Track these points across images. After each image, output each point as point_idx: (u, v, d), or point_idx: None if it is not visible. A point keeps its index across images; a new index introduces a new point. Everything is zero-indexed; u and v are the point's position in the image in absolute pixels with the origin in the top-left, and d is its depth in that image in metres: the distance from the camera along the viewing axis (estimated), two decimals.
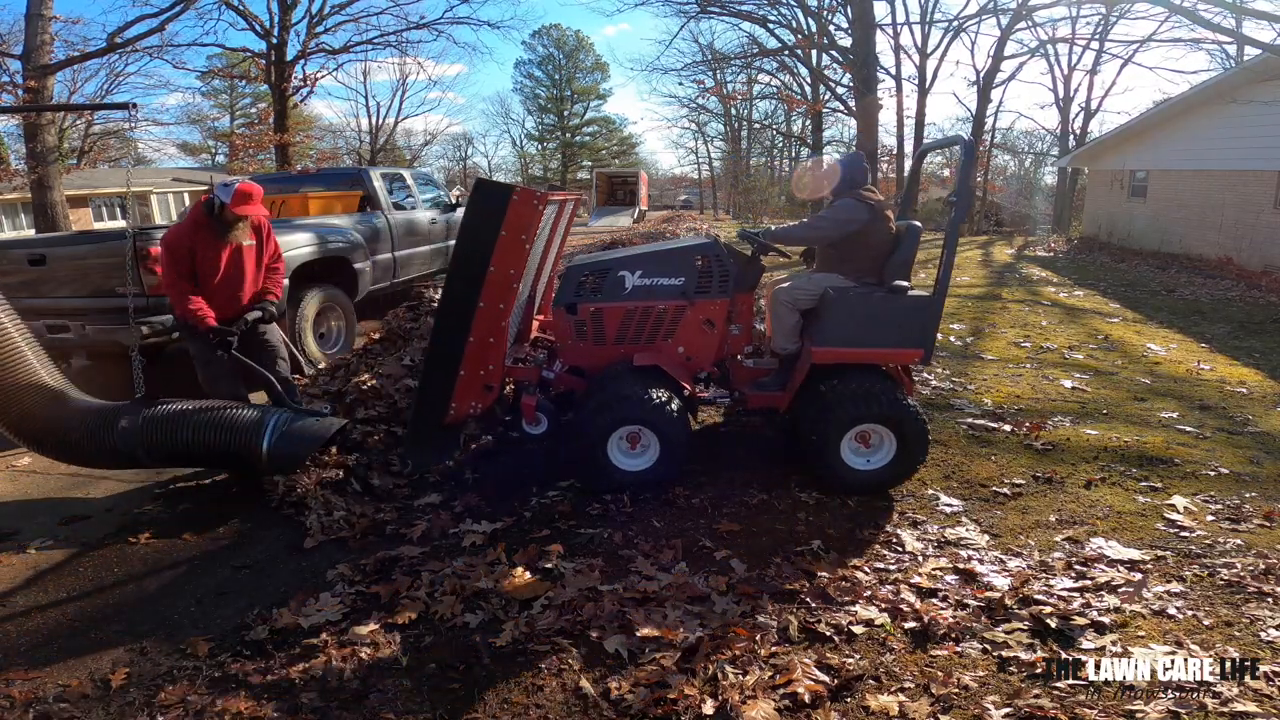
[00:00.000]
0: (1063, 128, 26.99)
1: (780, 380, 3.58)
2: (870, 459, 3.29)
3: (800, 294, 3.47)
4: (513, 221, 3.01)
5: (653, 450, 3.28)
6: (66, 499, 3.66)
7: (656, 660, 2.15)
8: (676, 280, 3.41)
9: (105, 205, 27.00)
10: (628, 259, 3.49)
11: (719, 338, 3.50)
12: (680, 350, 3.48)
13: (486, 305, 3.13)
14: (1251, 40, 9.73)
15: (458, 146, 51.62)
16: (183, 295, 3.61)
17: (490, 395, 3.31)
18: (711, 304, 3.43)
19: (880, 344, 3.30)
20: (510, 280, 3.11)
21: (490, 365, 3.24)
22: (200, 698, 2.12)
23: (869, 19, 14.33)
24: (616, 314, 3.45)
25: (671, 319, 3.45)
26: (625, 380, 3.29)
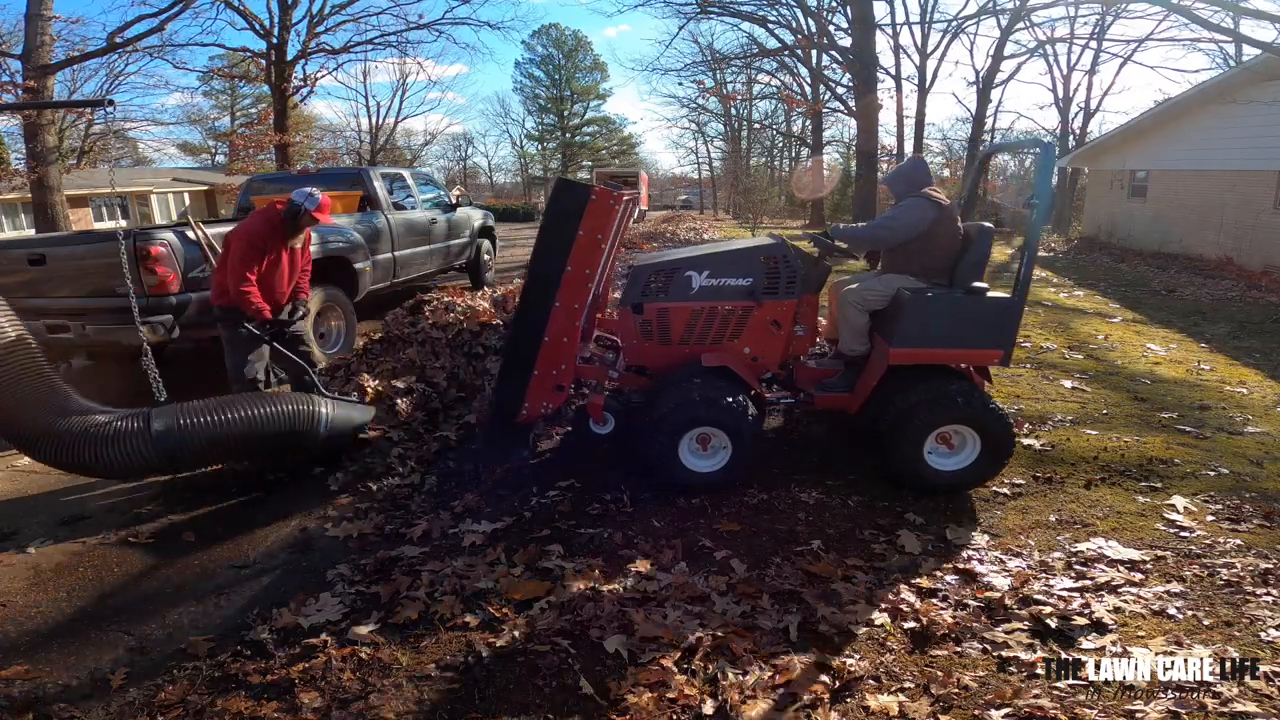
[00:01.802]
0: (1062, 128, 27.00)
1: (847, 382, 3.57)
2: (953, 459, 3.27)
3: (870, 295, 3.47)
4: (590, 221, 3.03)
5: (724, 452, 3.27)
6: (66, 499, 3.66)
7: (656, 660, 2.15)
8: (744, 281, 3.39)
9: (105, 205, 26.98)
10: (695, 259, 3.48)
11: (785, 339, 3.48)
12: (746, 351, 3.47)
13: (562, 305, 3.14)
14: (1251, 40, 9.72)
15: (458, 146, 51.69)
16: (248, 287, 3.87)
17: (562, 395, 3.33)
18: (779, 305, 3.41)
19: (959, 345, 3.30)
20: (586, 280, 3.13)
21: (563, 365, 3.26)
22: (200, 698, 2.12)
23: (869, 19, 14.34)
24: (683, 314, 3.44)
25: (738, 320, 3.43)
26: (696, 382, 3.28)
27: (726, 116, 37.57)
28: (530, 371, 3.24)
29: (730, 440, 3.22)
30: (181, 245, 4.79)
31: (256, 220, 4.03)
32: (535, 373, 3.25)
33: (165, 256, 4.64)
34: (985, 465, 3.24)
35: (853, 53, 14.84)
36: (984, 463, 3.23)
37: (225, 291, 3.94)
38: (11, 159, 18.76)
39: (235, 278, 3.86)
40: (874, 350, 3.51)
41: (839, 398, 3.56)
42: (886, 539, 2.90)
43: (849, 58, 15.51)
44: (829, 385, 3.61)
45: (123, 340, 4.71)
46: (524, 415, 3.34)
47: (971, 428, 3.20)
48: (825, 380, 3.65)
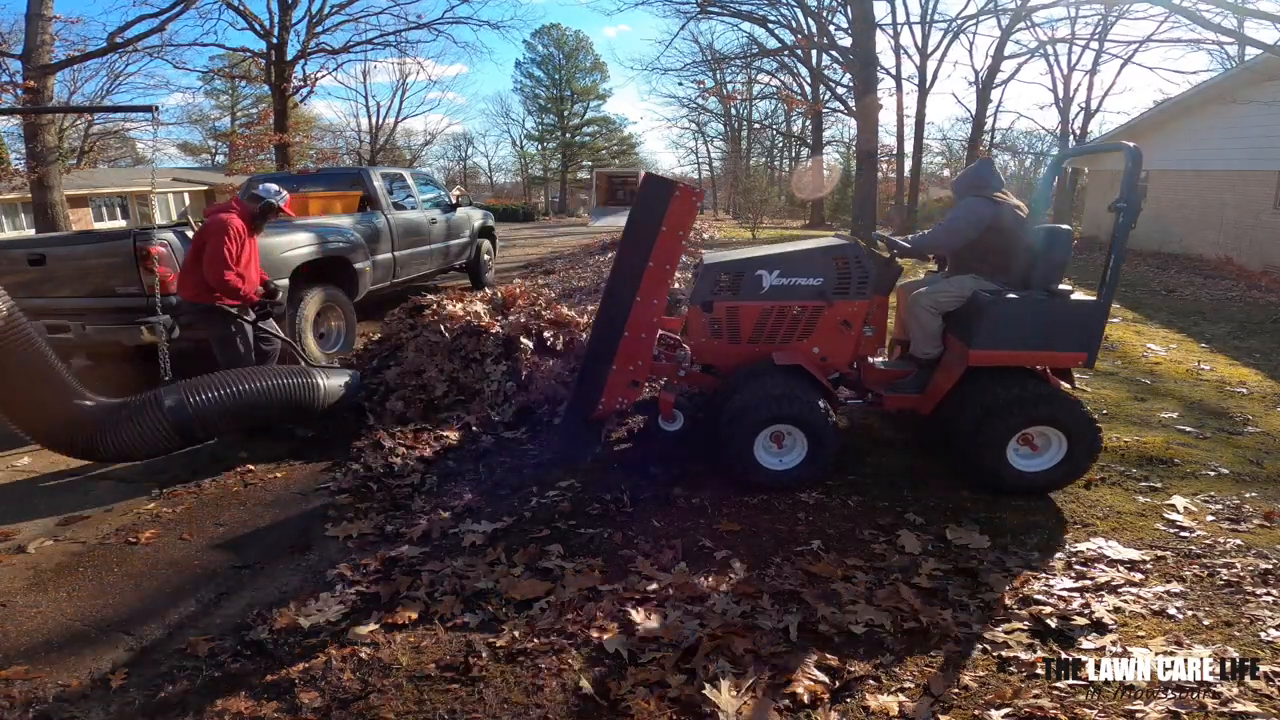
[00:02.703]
0: (1063, 128, 27.00)
1: (918, 383, 3.57)
2: (1036, 460, 3.27)
3: (943, 297, 3.46)
4: (673, 218, 3.04)
5: (799, 450, 3.27)
6: (66, 499, 3.66)
7: (656, 660, 2.15)
8: (815, 280, 3.40)
9: (105, 205, 27.00)
10: (765, 258, 3.48)
11: (855, 339, 3.48)
12: (816, 350, 3.47)
13: (642, 300, 3.15)
14: (1252, 40, 9.72)
15: (458, 146, 51.70)
16: (234, 275, 4.16)
17: (636, 391, 3.33)
18: (850, 305, 3.41)
19: (1042, 347, 3.29)
20: (666, 276, 3.14)
21: (639, 361, 3.26)
22: (200, 698, 2.12)
23: (869, 19, 14.34)
24: (753, 313, 3.44)
25: (809, 319, 3.43)
26: (771, 379, 3.28)
27: (726, 116, 37.60)
28: (609, 366, 3.25)
29: (807, 438, 3.22)
30: (181, 245, 4.79)
31: (229, 216, 4.25)
32: (614, 368, 3.25)
33: (165, 256, 4.64)
34: (1071, 466, 3.24)
35: (853, 53, 14.84)
36: (1069, 464, 3.23)
37: (206, 288, 4.17)
38: (11, 159, 18.75)
39: (216, 274, 4.11)
40: (947, 352, 3.50)
41: (909, 399, 3.56)
42: (886, 539, 2.90)
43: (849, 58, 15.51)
44: (899, 386, 3.60)
45: (123, 340, 4.71)
46: (600, 410, 3.34)
47: (1058, 429, 3.19)
48: (895, 381, 3.64)
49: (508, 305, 5.36)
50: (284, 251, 5.50)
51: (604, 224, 22.51)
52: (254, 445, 4.28)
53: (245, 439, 4.32)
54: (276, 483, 3.80)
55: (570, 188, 49.31)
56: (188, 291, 4.29)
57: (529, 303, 5.41)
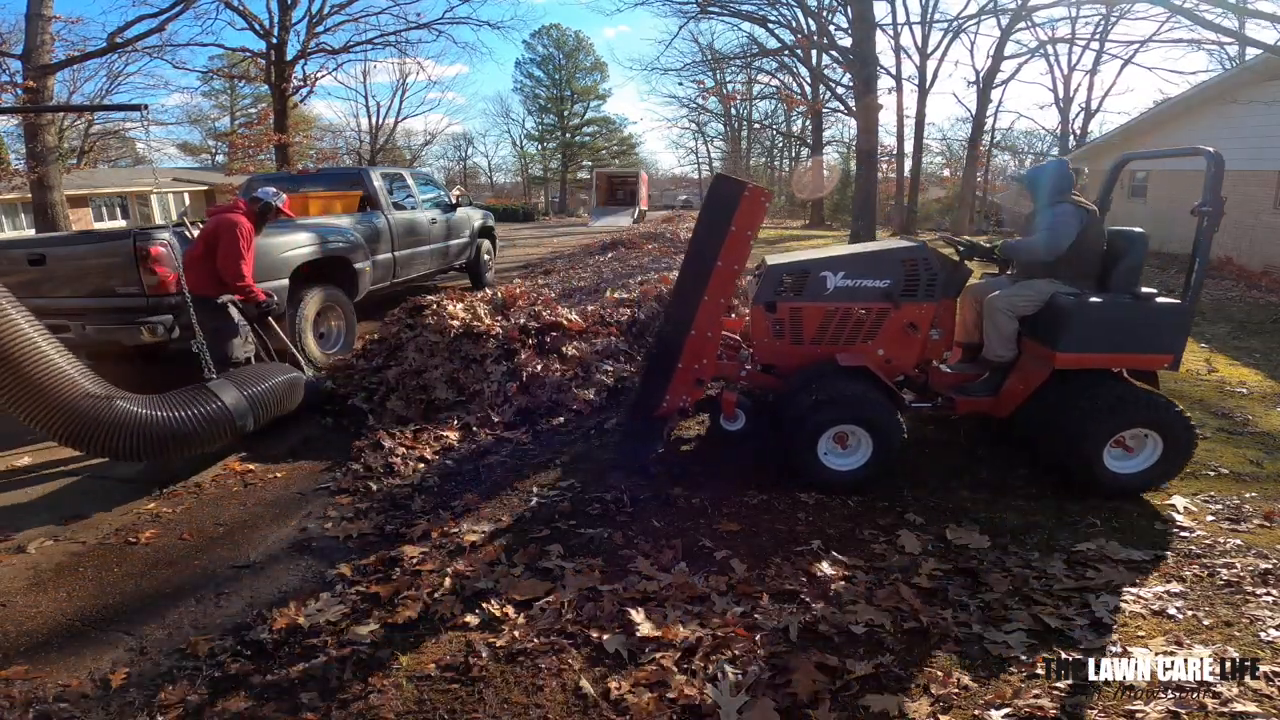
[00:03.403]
0: (1063, 128, 27.02)
1: (990, 386, 3.57)
2: (1130, 462, 3.27)
3: (1021, 301, 3.47)
4: (742, 218, 3.04)
5: (863, 451, 3.27)
6: (66, 499, 3.66)
7: (656, 660, 2.15)
8: (881, 283, 3.39)
9: (105, 205, 26.99)
10: (830, 260, 3.47)
11: (921, 342, 3.47)
12: (880, 353, 3.47)
13: (710, 299, 3.16)
14: (1253, 41, 9.71)
15: (458, 146, 51.69)
16: (245, 273, 4.33)
17: (700, 390, 3.33)
18: (917, 307, 3.41)
19: (1127, 349, 3.30)
20: (734, 276, 3.15)
21: (704, 360, 3.27)
22: (200, 698, 2.12)
23: (869, 19, 14.33)
24: (816, 314, 3.44)
25: (874, 321, 3.43)
26: (835, 380, 3.28)
27: (726, 116, 37.62)
28: (675, 364, 3.25)
29: (872, 438, 3.22)
30: (181, 245, 4.79)
31: (237, 216, 4.39)
32: (679, 366, 3.25)
33: (165, 256, 4.64)
34: (1166, 467, 3.25)
35: (853, 53, 14.84)
36: (1164, 464, 3.24)
37: (212, 282, 4.30)
38: (11, 159, 18.75)
39: (234, 271, 4.28)
40: (1024, 355, 3.50)
41: (982, 402, 3.57)
42: (886, 539, 2.90)
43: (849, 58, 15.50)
44: (970, 390, 3.60)
45: (123, 340, 4.71)
46: (663, 409, 3.33)
47: (1155, 430, 3.20)
48: (966, 385, 3.63)
49: (508, 306, 5.36)
50: (284, 252, 5.50)
51: (604, 224, 22.52)
52: (254, 445, 4.28)
53: (245, 439, 4.32)
54: (276, 483, 3.80)
55: (570, 188, 49.32)
56: (192, 283, 4.27)
57: (529, 303, 5.41)
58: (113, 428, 3.34)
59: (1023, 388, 3.42)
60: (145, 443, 3.46)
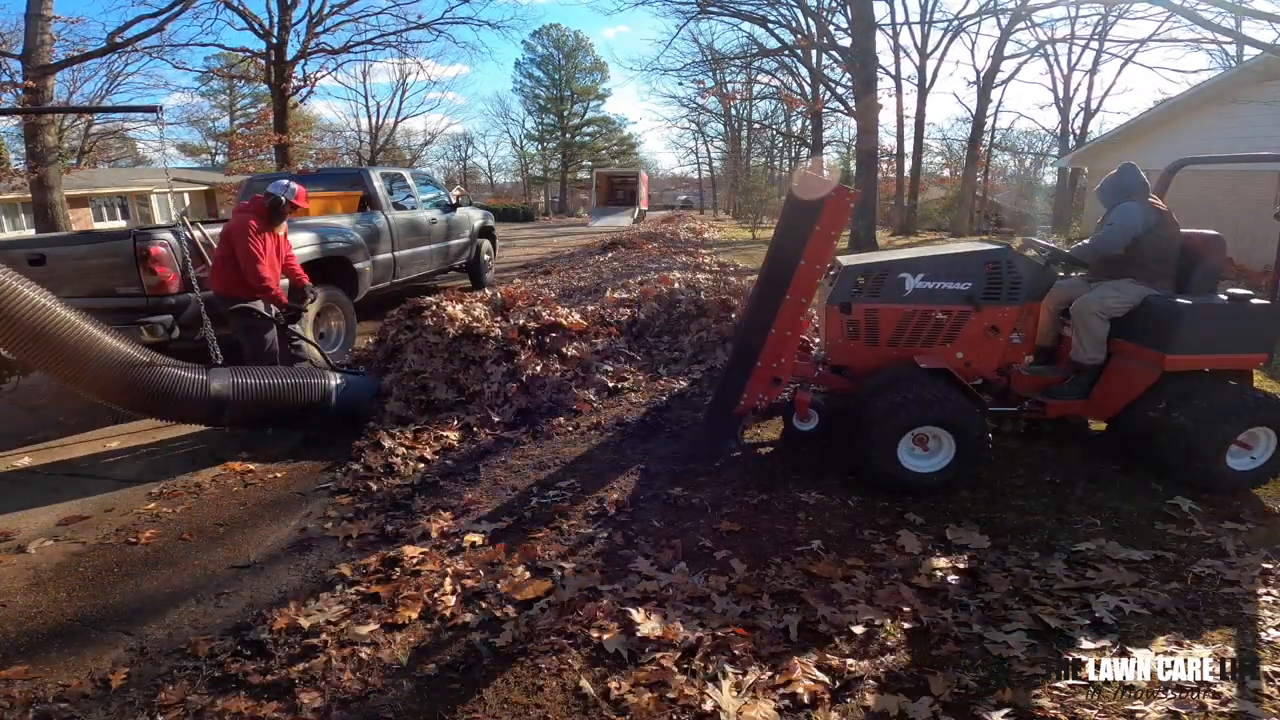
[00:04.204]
0: (1063, 128, 27.01)
1: (1079, 389, 3.57)
2: (1244, 459, 3.30)
3: (1114, 302, 3.46)
4: (827, 217, 3.03)
5: (945, 453, 3.25)
6: (66, 499, 3.66)
7: (656, 660, 2.15)
8: (962, 285, 3.37)
9: (105, 205, 26.99)
10: (909, 261, 3.46)
11: (1003, 345, 3.46)
12: (959, 356, 3.45)
13: (792, 298, 3.14)
14: (1252, 40, 9.72)
15: (457, 146, 51.72)
16: (264, 273, 4.36)
17: (777, 389, 3.31)
18: (999, 310, 3.39)
19: (1229, 349, 3.32)
20: (816, 275, 3.14)
21: (782, 359, 3.25)
22: (200, 698, 2.12)
23: (869, 19, 14.33)
24: (893, 316, 3.42)
25: (953, 324, 3.41)
26: (915, 382, 3.26)
27: (726, 116, 37.59)
28: (754, 363, 3.24)
29: (955, 440, 3.21)
30: (181, 245, 4.79)
31: (248, 216, 4.45)
32: (758, 364, 3.24)
33: (165, 256, 4.64)
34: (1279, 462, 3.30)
35: (853, 53, 14.84)
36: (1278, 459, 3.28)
37: (242, 283, 4.38)
38: (11, 159, 18.75)
39: (254, 275, 4.34)
40: (1123, 357, 3.51)
41: (1074, 405, 3.57)
42: (886, 539, 2.90)
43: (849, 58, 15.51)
44: (1059, 393, 3.59)
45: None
46: (740, 406, 3.31)
47: (1272, 428, 3.24)
48: (1052, 388, 3.62)
49: (507, 306, 5.36)
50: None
51: (604, 224, 22.54)
52: (254, 445, 4.28)
53: (245, 439, 4.32)
54: (276, 483, 3.80)
55: (570, 188, 49.34)
56: (218, 286, 4.51)
57: (529, 303, 5.41)
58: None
59: (1126, 391, 3.43)
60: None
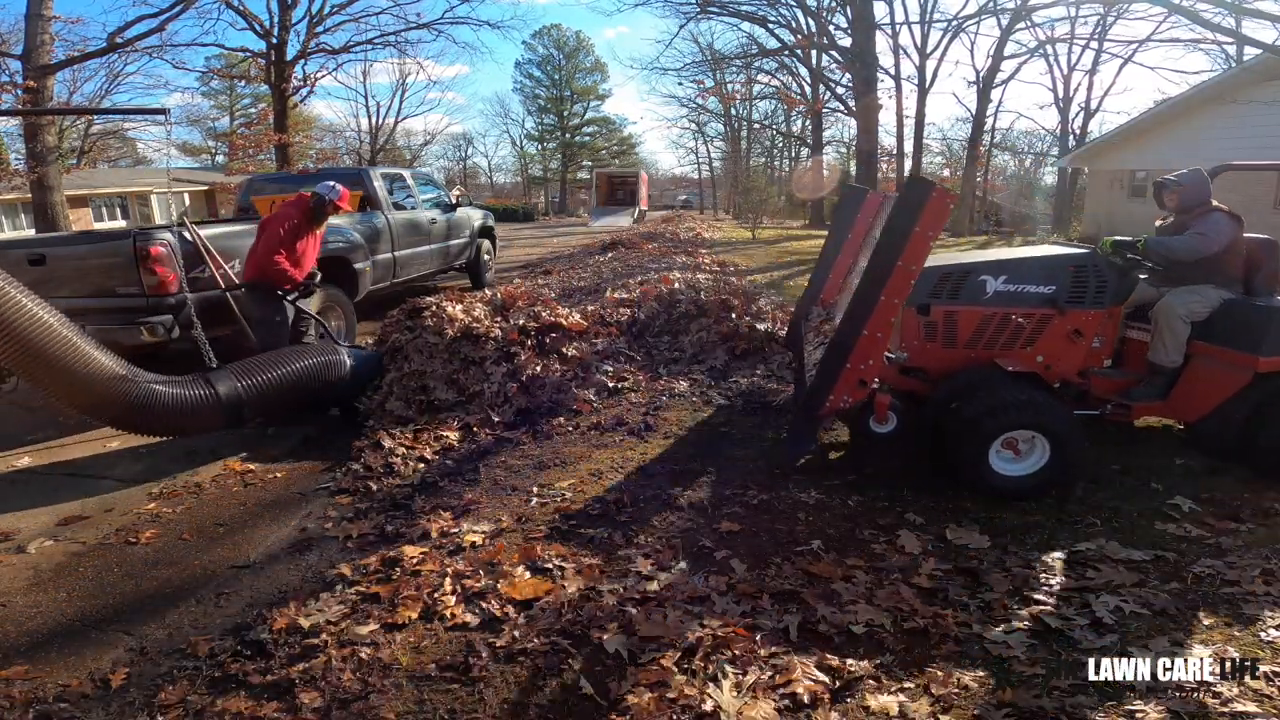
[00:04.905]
0: (1062, 128, 27.05)
1: (1158, 391, 3.59)
2: None
3: (1197, 306, 3.49)
4: (928, 217, 3.01)
5: (1037, 457, 3.23)
6: (66, 499, 3.66)
7: (656, 660, 2.15)
8: (1046, 289, 3.38)
9: (105, 205, 27.00)
10: (990, 264, 3.46)
11: (1085, 349, 3.45)
12: (1040, 359, 3.44)
13: (886, 299, 3.11)
14: (1251, 40, 9.73)
15: (457, 146, 51.76)
16: (282, 262, 4.62)
17: (863, 391, 3.26)
18: (1083, 314, 3.39)
19: None
20: (910, 276, 3.10)
21: (870, 360, 3.21)
22: (200, 698, 2.12)
23: (869, 19, 14.35)
24: (973, 318, 3.41)
25: (1035, 327, 3.40)
26: (1003, 385, 3.24)
27: (726, 116, 37.61)
28: (845, 364, 3.21)
29: (1050, 444, 3.19)
30: (181, 245, 4.79)
31: (290, 209, 4.80)
32: (847, 366, 3.21)
33: (165, 256, 4.65)
34: None
35: (853, 53, 14.84)
36: None
37: (261, 269, 4.64)
38: (11, 159, 18.76)
39: (268, 255, 4.59)
40: (1210, 360, 3.52)
41: (1161, 407, 3.62)
42: (886, 539, 2.90)
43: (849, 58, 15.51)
44: (1137, 395, 3.61)
45: (123, 340, 4.71)
46: (826, 408, 3.28)
47: None
48: (1130, 390, 3.64)
49: (507, 307, 5.36)
50: None
51: (604, 224, 22.53)
52: (254, 445, 4.28)
53: (245, 439, 4.32)
54: (276, 483, 3.80)
55: (570, 188, 49.34)
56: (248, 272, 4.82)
57: (529, 303, 5.41)
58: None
59: (1215, 393, 3.46)
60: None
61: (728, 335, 5.30)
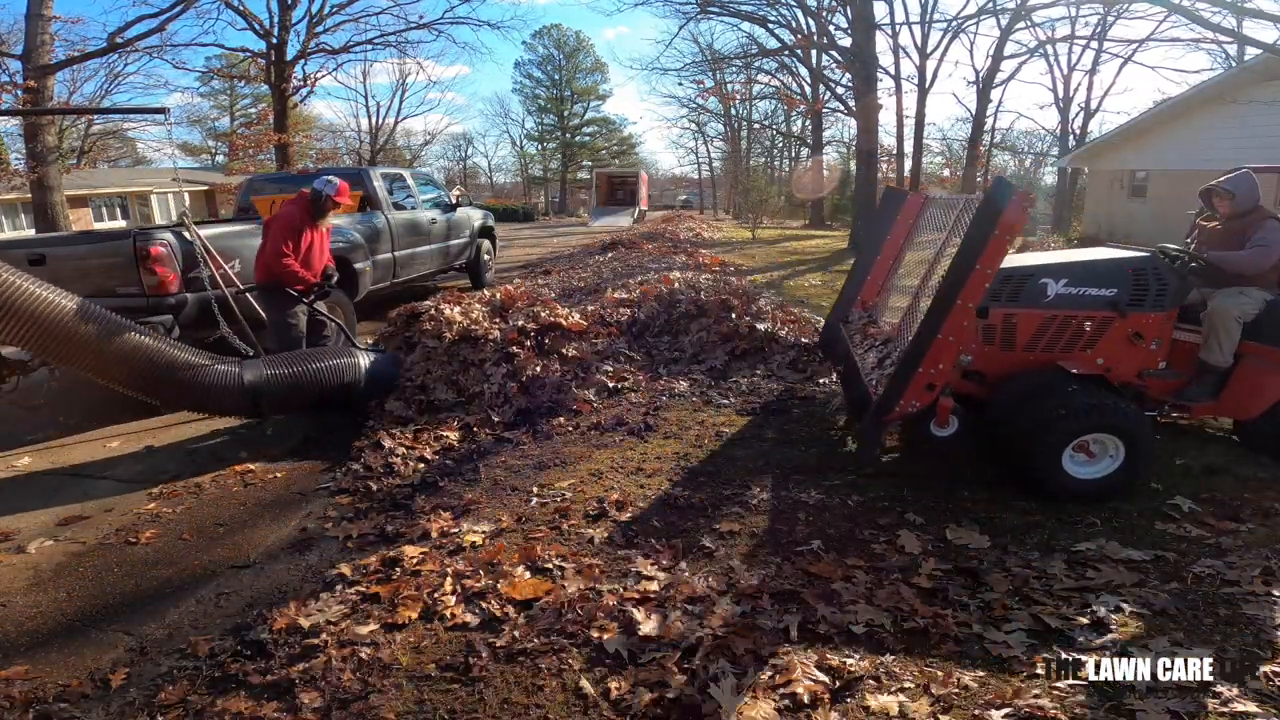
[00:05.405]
0: (1062, 128, 27.03)
1: (1210, 390, 3.64)
2: None
3: (1249, 307, 3.54)
4: (1007, 220, 3.00)
5: (1110, 459, 3.24)
6: (66, 499, 3.66)
7: (656, 660, 2.15)
8: (1107, 291, 3.39)
9: (105, 205, 26.99)
10: (1050, 267, 3.46)
11: (1145, 351, 3.47)
12: (1100, 361, 3.45)
13: (962, 303, 3.10)
14: (1252, 40, 9.72)
15: (457, 146, 51.76)
16: (290, 262, 4.57)
17: (930, 395, 3.24)
18: (1144, 317, 3.40)
19: None
20: (985, 280, 3.09)
21: (940, 365, 3.20)
22: (200, 698, 2.12)
23: (869, 19, 14.35)
24: (1033, 321, 3.42)
25: (1095, 329, 3.42)
26: (1072, 388, 3.24)
27: (726, 116, 37.60)
28: (916, 368, 3.20)
29: (1125, 446, 3.19)
30: (181, 245, 4.79)
31: (291, 208, 4.74)
32: (919, 370, 3.19)
33: (165, 256, 4.65)
34: None
35: (853, 53, 14.84)
36: None
37: (269, 269, 4.61)
38: (11, 159, 18.76)
39: (275, 255, 4.55)
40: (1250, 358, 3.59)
41: (1212, 406, 3.67)
42: (886, 539, 2.90)
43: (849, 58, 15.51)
44: (1192, 395, 3.65)
45: None
46: (895, 411, 3.27)
47: None
48: (1182, 390, 3.67)
49: (507, 307, 5.36)
50: None
51: (604, 224, 22.53)
52: (254, 445, 4.28)
53: (245, 439, 4.32)
54: (276, 483, 3.80)
55: (570, 188, 49.34)
56: (259, 275, 4.77)
57: (528, 303, 5.41)
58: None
59: (1269, 392, 3.55)
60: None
61: (728, 335, 5.30)
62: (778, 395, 4.55)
